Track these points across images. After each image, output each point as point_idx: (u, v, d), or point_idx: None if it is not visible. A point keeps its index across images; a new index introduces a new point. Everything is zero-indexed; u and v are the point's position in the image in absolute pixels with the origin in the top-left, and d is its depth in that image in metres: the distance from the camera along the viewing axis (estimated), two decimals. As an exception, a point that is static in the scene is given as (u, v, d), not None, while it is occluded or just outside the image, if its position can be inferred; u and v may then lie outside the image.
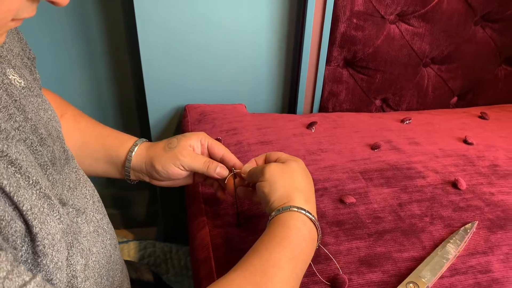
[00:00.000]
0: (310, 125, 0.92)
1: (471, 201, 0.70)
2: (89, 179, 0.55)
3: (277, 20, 0.96)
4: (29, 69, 0.52)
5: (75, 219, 0.46)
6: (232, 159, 0.63)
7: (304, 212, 0.50)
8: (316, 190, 0.72)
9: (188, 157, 0.61)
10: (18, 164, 0.37)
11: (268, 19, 0.96)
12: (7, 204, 0.34)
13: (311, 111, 1.08)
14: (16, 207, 0.35)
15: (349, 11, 0.93)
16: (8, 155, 0.36)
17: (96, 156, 0.66)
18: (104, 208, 0.56)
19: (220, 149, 0.63)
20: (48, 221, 0.38)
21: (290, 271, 0.45)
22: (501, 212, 0.68)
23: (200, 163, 0.61)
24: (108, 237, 0.53)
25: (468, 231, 0.64)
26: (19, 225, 0.35)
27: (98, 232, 0.51)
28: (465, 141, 0.88)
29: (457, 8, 0.99)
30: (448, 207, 0.69)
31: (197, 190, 0.77)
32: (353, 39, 0.97)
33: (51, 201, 0.40)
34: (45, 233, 0.37)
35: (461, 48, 1.05)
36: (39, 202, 0.38)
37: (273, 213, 0.51)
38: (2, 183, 0.34)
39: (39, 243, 0.36)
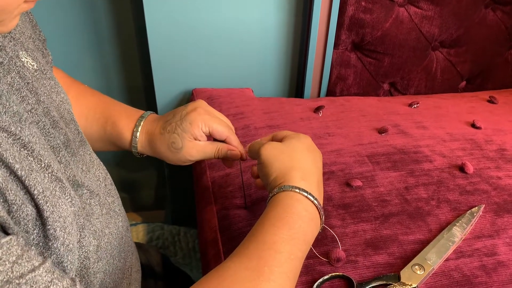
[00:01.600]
0: (317, 109, 0.92)
1: (478, 185, 0.70)
2: (101, 163, 0.56)
3: (284, 4, 0.95)
4: (41, 51, 0.52)
5: (88, 201, 0.47)
6: (234, 143, 0.61)
7: (298, 190, 0.48)
8: (323, 174, 0.72)
9: (197, 154, 0.59)
10: (31, 147, 0.37)
11: (276, 4, 0.95)
12: (18, 188, 0.35)
13: (319, 95, 1.07)
14: (28, 191, 0.35)
15: (358, -6, 0.92)
16: (21, 138, 0.37)
17: (102, 139, 0.65)
18: (116, 191, 0.57)
19: (223, 133, 0.59)
20: (60, 204, 0.39)
21: (287, 253, 0.44)
22: (508, 196, 0.68)
23: (210, 154, 0.60)
24: (120, 220, 0.54)
25: (475, 214, 0.64)
26: (30, 208, 0.35)
27: (110, 214, 0.51)
28: (473, 125, 0.88)
29: (467, -10, 0.98)
30: (454, 190, 0.69)
31: (204, 173, 0.78)
32: (362, 22, 0.96)
33: (63, 184, 0.40)
34: (57, 216, 0.38)
35: (470, 31, 1.04)
36: (51, 185, 0.39)
37: (269, 195, 0.50)
38: (14, 167, 0.34)
39: (49, 226, 0.37)
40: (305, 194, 0.48)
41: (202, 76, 1.03)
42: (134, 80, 1.16)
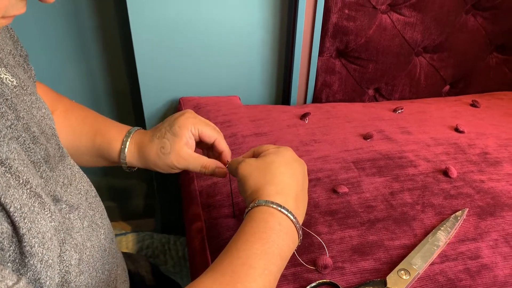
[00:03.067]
0: (303, 116, 0.93)
1: (462, 189, 0.72)
2: (85, 175, 0.56)
3: (269, 12, 0.96)
4: (22, 67, 0.52)
5: (67, 215, 0.47)
6: (222, 146, 0.61)
7: (271, 204, 0.48)
8: (310, 180, 0.73)
9: (184, 163, 0.60)
10: (9, 163, 0.37)
11: (261, 11, 0.96)
12: None
13: (305, 102, 1.09)
14: (3, 208, 0.35)
15: (341, 2, 0.94)
16: None
17: (91, 153, 0.65)
18: (101, 203, 0.57)
19: (212, 136, 0.61)
20: (39, 219, 0.39)
21: (261, 268, 0.43)
22: (491, 199, 0.70)
23: (197, 168, 0.60)
24: (102, 232, 0.54)
25: (459, 218, 0.65)
26: (5, 226, 0.35)
27: (92, 227, 0.52)
28: (456, 129, 0.90)
29: (448, -3, 1.00)
30: (439, 195, 0.70)
31: (192, 182, 0.78)
32: (345, 29, 0.98)
33: (42, 200, 0.40)
34: (35, 231, 0.38)
35: (452, 36, 1.06)
36: (30, 201, 0.38)
37: (245, 211, 0.50)
38: None
39: (26, 243, 0.36)
40: (279, 208, 0.48)
41: (189, 85, 1.04)
42: (121, 89, 1.15)
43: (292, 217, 0.48)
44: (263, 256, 0.44)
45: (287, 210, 0.48)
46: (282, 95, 1.10)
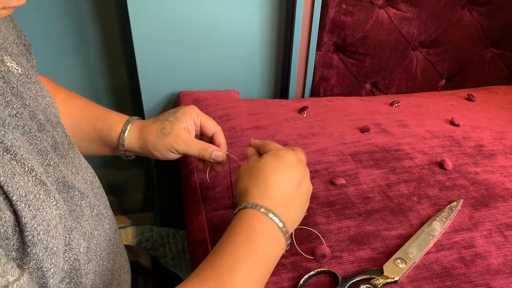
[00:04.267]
0: (301, 110, 0.94)
1: (457, 181, 0.73)
2: (90, 166, 0.57)
3: (268, 7, 0.97)
4: (25, 56, 0.53)
5: (79, 202, 0.47)
6: (220, 139, 0.63)
7: (257, 208, 0.47)
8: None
9: (182, 144, 0.61)
10: (14, 151, 0.38)
11: (259, 6, 0.97)
12: None
13: (303, 96, 1.10)
14: (7, 197, 0.35)
15: (339, -3, 0.95)
16: (3, 142, 0.37)
17: (89, 139, 0.66)
18: (104, 194, 0.58)
19: (212, 128, 0.62)
20: (44, 207, 0.39)
21: (244, 272, 0.43)
22: (485, 190, 0.71)
23: (195, 150, 0.61)
24: (107, 222, 0.55)
25: (454, 209, 0.67)
26: (8, 215, 0.35)
27: (99, 216, 0.52)
28: (452, 123, 0.91)
29: (444, -8, 1.01)
30: (434, 186, 0.72)
31: (192, 174, 0.79)
32: (343, 24, 0.99)
33: (47, 188, 0.40)
34: (40, 219, 0.38)
35: (448, 31, 1.07)
36: (35, 188, 0.39)
37: (234, 213, 0.50)
38: None
39: (28, 232, 0.36)
40: (264, 211, 0.47)
41: (188, 79, 1.05)
42: (120, 83, 1.16)
43: (277, 221, 0.48)
44: (246, 261, 0.44)
45: (273, 214, 0.47)
46: (280, 89, 1.11)
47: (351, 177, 0.73)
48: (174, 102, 1.07)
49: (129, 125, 0.64)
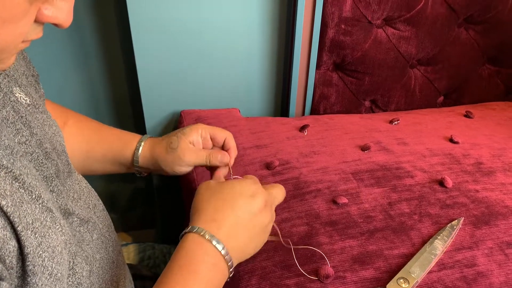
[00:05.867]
0: (302, 128, 0.95)
1: (457, 199, 0.74)
2: (93, 190, 0.58)
3: (268, 27, 0.99)
4: (34, 86, 0.54)
5: (78, 228, 0.49)
6: (230, 143, 0.65)
7: (201, 232, 0.48)
8: (310, 192, 0.75)
9: (190, 156, 0.63)
10: (22, 179, 0.39)
11: (260, 26, 0.99)
12: (6, 224, 0.35)
13: (303, 114, 1.11)
14: (12, 227, 0.36)
15: (337, 17, 0.97)
16: (13, 171, 0.38)
17: (104, 159, 0.68)
18: (108, 217, 0.59)
19: (222, 136, 0.65)
20: (50, 234, 0.40)
21: None
22: (485, 208, 0.72)
23: (202, 159, 0.63)
24: (110, 244, 0.56)
25: (455, 227, 0.67)
26: (12, 245, 0.35)
27: (101, 239, 0.53)
28: (451, 140, 0.92)
29: (440, 11, 1.03)
30: (435, 205, 0.73)
31: (194, 191, 0.80)
32: (342, 43, 1.00)
33: (53, 214, 0.41)
34: (45, 246, 0.38)
35: (445, 49, 1.09)
36: (42, 215, 0.39)
37: (180, 234, 0.51)
38: (1, 203, 0.34)
39: (29, 262, 0.37)
40: (208, 237, 0.47)
41: (190, 98, 1.06)
42: (123, 102, 1.18)
43: (220, 249, 0.47)
44: (184, 286, 0.45)
45: (217, 241, 0.47)
46: (281, 107, 1.13)
47: (353, 196, 0.74)
48: (176, 121, 1.08)
49: (142, 143, 0.66)
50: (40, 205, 0.40)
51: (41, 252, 0.38)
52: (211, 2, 0.94)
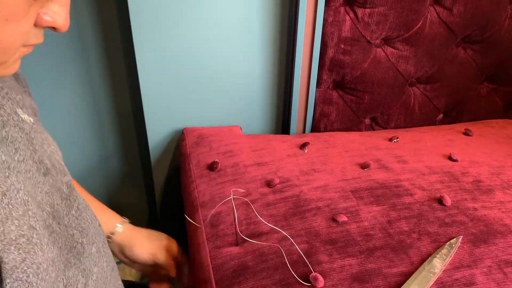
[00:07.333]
0: (303, 146, 0.96)
1: (456, 217, 0.75)
2: (89, 206, 0.59)
3: (269, 46, 1.01)
4: (31, 107, 0.56)
5: (80, 240, 0.50)
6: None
7: None
8: (310, 210, 0.76)
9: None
10: (14, 195, 0.39)
11: (261, 45, 1.01)
12: None
13: (304, 131, 1.12)
14: None
15: (337, 37, 0.99)
16: (1, 186, 0.39)
17: None
18: (103, 232, 0.60)
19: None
20: (36, 250, 0.40)
21: None
22: (484, 226, 0.73)
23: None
24: (105, 260, 0.57)
25: (453, 246, 0.68)
26: None
27: (99, 253, 0.55)
28: (450, 158, 0.93)
29: (438, 31, 1.05)
30: (434, 223, 0.73)
31: (196, 212, 0.80)
32: (341, 63, 1.02)
33: (38, 232, 0.42)
34: (30, 262, 0.39)
35: (444, 68, 1.11)
36: (29, 232, 0.40)
37: None
38: None
39: (12, 278, 0.37)
40: None
41: (192, 115, 1.08)
42: (126, 120, 1.19)
43: None
44: None
45: None
46: (282, 124, 1.14)
47: (352, 214, 0.75)
48: (179, 138, 1.09)
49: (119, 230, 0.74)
50: (28, 222, 0.40)
51: (25, 268, 0.38)
52: (213, 22, 0.96)
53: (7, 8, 0.33)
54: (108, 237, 0.71)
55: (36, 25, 0.38)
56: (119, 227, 0.74)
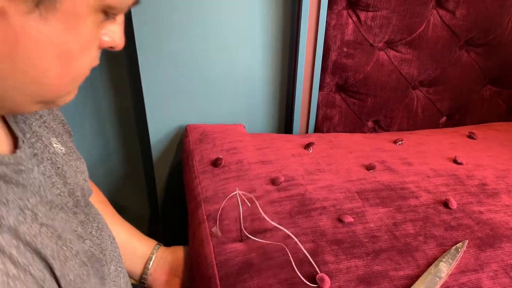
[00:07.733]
0: (307, 146, 0.96)
1: (462, 220, 0.74)
2: (106, 223, 0.59)
3: (272, 50, 1.01)
4: (65, 131, 0.55)
5: (104, 261, 0.50)
6: None
7: None
8: (316, 209, 0.75)
9: None
10: (64, 237, 0.40)
11: (264, 48, 1.01)
12: (54, 284, 0.36)
13: (307, 133, 1.12)
14: (57, 282, 0.36)
15: (340, 41, 0.98)
16: (56, 229, 0.39)
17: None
18: (119, 250, 0.60)
19: None
20: (86, 287, 0.41)
21: None
22: (490, 230, 0.72)
23: None
24: (122, 276, 0.57)
25: (459, 250, 0.67)
26: None
27: (118, 270, 0.54)
28: (455, 161, 0.93)
29: (441, 34, 1.05)
30: (440, 226, 0.73)
31: (199, 207, 0.80)
32: (344, 66, 1.02)
33: (87, 268, 0.43)
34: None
35: (447, 71, 1.11)
36: (80, 270, 0.41)
37: None
38: (52, 265, 0.36)
39: None
40: None
41: (195, 113, 1.07)
42: (127, 116, 1.18)
43: None
44: None
45: None
46: (285, 127, 1.14)
47: (358, 215, 0.74)
48: (182, 135, 1.09)
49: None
50: (79, 261, 0.41)
51: None
52: (216, 22, 0.96)
53: (84, 38, 0.32)
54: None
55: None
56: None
